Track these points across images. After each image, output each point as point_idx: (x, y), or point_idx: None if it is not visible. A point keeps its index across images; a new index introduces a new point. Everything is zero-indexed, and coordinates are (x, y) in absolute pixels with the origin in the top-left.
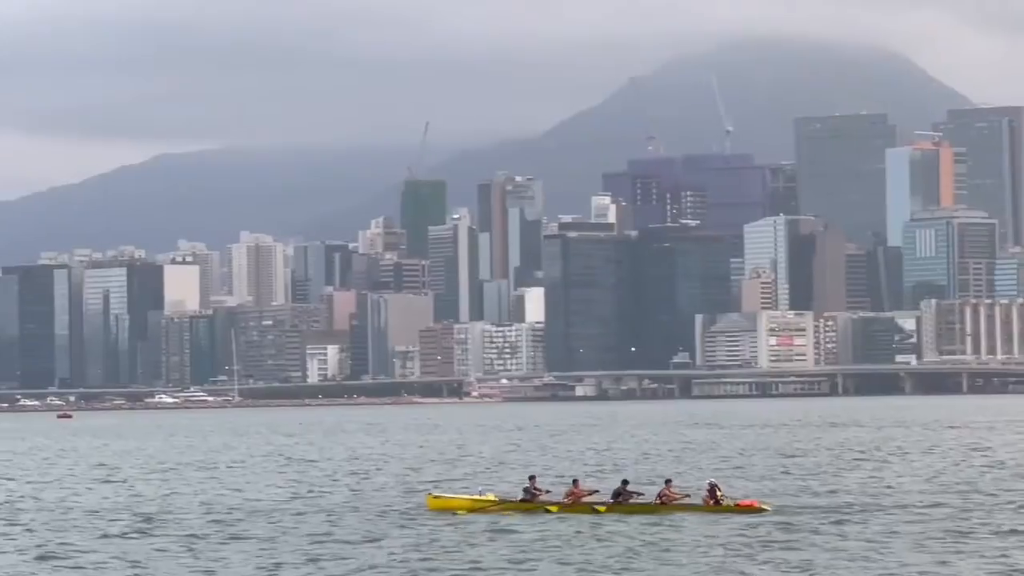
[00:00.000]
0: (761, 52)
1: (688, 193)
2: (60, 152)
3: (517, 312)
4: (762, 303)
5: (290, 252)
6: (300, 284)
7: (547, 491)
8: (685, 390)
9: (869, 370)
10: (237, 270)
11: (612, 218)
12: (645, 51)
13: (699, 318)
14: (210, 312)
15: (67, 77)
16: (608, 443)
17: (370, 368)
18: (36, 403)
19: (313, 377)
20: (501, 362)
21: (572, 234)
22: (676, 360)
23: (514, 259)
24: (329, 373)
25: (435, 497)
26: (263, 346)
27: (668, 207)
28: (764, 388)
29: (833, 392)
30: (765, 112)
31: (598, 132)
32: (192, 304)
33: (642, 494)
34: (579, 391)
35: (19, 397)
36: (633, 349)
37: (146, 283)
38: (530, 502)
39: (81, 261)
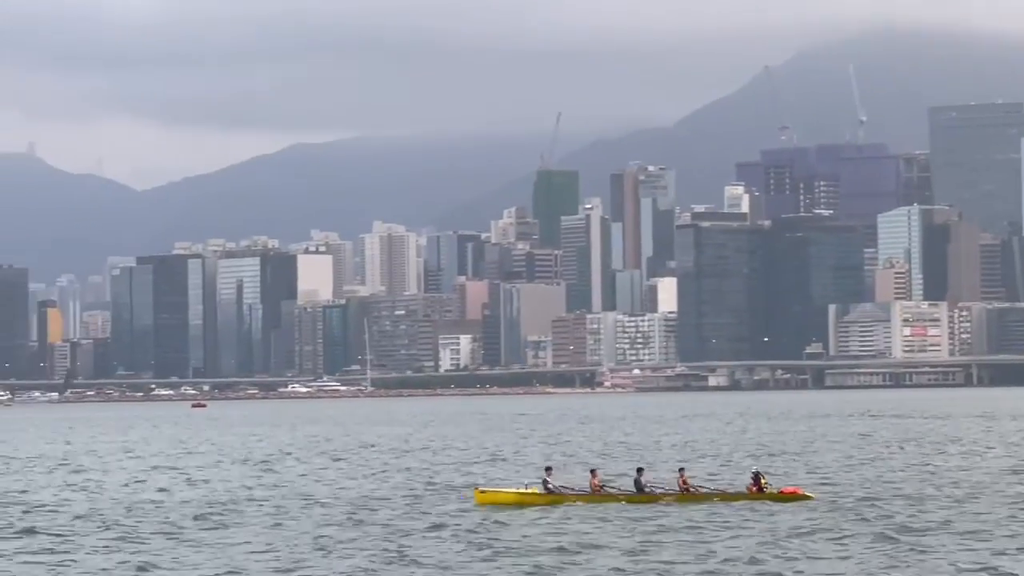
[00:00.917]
0: (895, 41)
1: (821, 183)
2: (195, 143)
3: (650, 302)
4: (896, 293)
5: (423, 242)
6: (433, 274)
7: (568, 487)
8: (818, 380)
9: (1004, 360)
10: (370, 260)
11: (745, 208)
12: (779, 40)
13: (832, 308)
14: (343, 302)
15: (202, 69)
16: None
17: (502, 358)
18: (170, 392)
19: (446, 367)
20: (633, 352)
21: (705, 224)
22: (809, 350)
23: (646, 249)
24: (461, 363)
25: (483, 491)
26: (396, 336)
27: (801, 197)
28: (898, 379)
29: (968, 383)
30: (899, 101)
31: (731, 121)
32: (325, 294)
33: (662, 486)
34: (711, 381)
35: (153, 386)
36: (766, 339)
37: (279, 273)
38: (553, 494)
39: (215, 251)
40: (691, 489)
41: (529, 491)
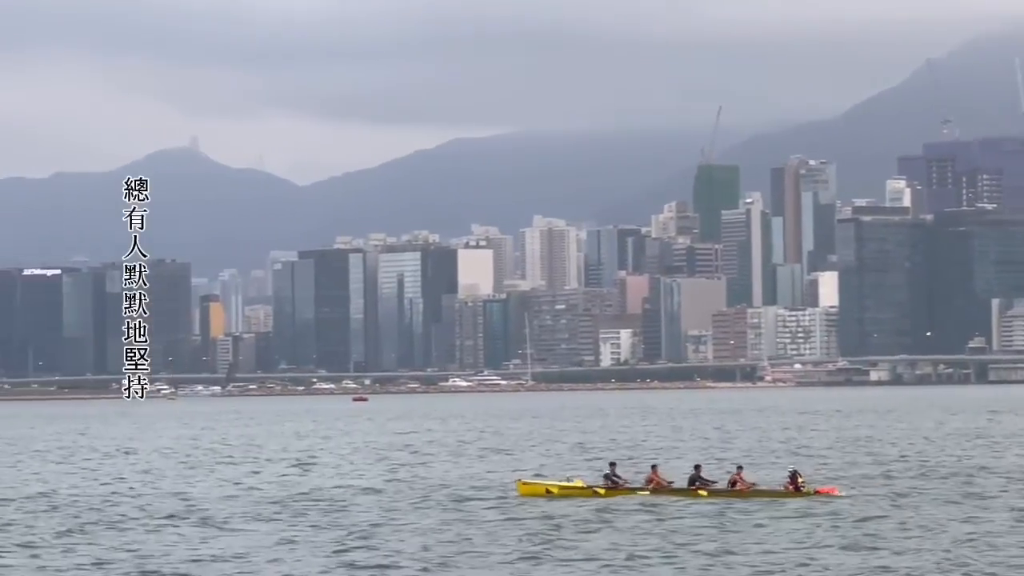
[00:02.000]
0: None
1: (984, 176)
2: (356, 137)
3: (811, 296)
4: None
5: (583, 236)
6: (593, 268)
7: (626, 480)
8: (981, 375)
9: None
10: (530, 254)
11: (907, 202)
12: (941, 32)
13: (995, 302)
14: (503, 296)
15: (363, 63)
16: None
17: (663, 352)
18: (331, 386)
19: (606, 361)
20: (794, 346)
21: (866, 218)
22: (972, 345)
23: (807, 243)
24: (622, 357)
25: (525, 483)
26: (556, 330)
27: (964, 191)
28: None
29: None
30: None
31: (893, 115)
32: (486, 288)
33: (715, 482)
34: (873, 376)
35: (315, 380)
36: (928, 334)
37: (440, 267)
38: (615, 488)
39: (376, 245)
40: (739, 487)
41: (572, 484)
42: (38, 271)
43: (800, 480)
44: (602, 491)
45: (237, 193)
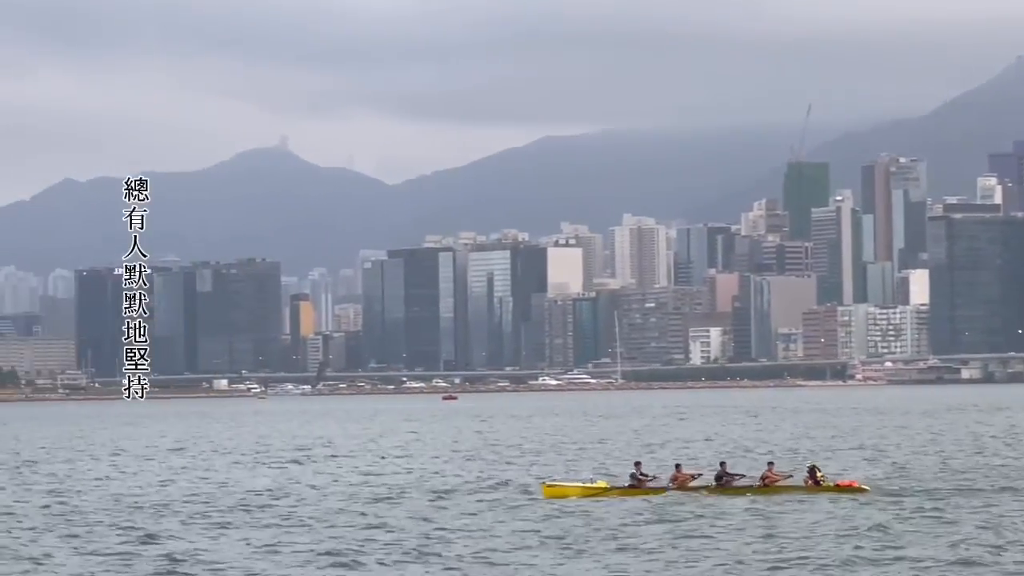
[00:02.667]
0: None
1: None
2: (445, 136)
3: (901, 294)
4: None
5: (673, 234)
6: (683, 266)
7: (654, 476)
8: None
9: None
10: (620, 252)
11: (998, 199)
12: None
13: None
14: (593, 295)
15: (452, 62)
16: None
17: (753, 350)
18: (421, 385)
19: (696, 359)
20: (885, 344)
21: (957, 215)
22: None
23: (898, 241)
24: (712, 355)
25: (550, 485)
26: (646, 328)
27: None
28: None
29: None
30: None
31: (984, 112)
32: (575, 286)
33: (744, 475)
34: (964, 374)
35: (404, 379)
36: (1020, 331)
37: (530, 266)
38: (638, 488)
39: (465, 244)
40: (767, 482)
41: (595, 485)
42: None
43: (819, 475)
44: (614, 492)
45: (326, 192)
